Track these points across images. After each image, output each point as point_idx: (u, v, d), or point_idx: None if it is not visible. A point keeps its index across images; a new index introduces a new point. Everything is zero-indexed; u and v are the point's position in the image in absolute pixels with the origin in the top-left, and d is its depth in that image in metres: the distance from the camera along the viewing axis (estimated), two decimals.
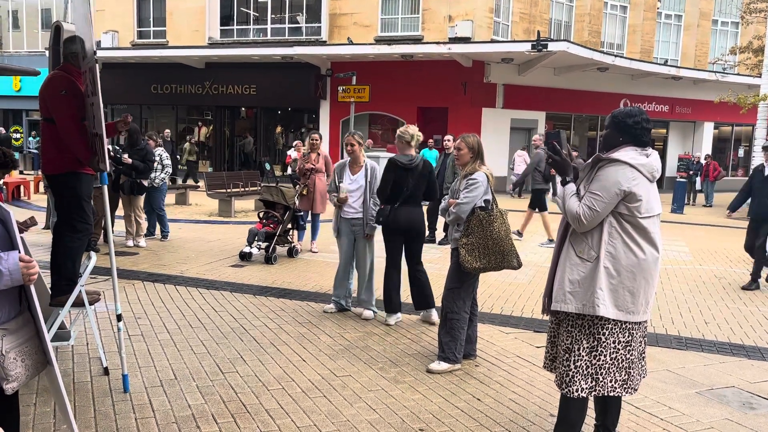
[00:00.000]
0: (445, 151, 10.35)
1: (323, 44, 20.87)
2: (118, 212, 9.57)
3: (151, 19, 23.78)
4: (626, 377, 3.11)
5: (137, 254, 8.60)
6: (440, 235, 10.34)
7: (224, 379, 4.27)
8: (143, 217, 9.34)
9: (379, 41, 20.00)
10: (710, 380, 4.61)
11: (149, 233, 9.77)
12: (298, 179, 9.13)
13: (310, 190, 8.82)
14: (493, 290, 7.14)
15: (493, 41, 19.33)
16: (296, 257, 8.74)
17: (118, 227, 9.88)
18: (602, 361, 3.06)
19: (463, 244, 4.44)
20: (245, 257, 8.31)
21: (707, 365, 4.95)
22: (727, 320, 6.34)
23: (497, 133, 20.22)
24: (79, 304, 4.03)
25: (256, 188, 13.93)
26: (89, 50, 3.86)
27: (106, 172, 4.00)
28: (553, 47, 17.61)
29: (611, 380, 3.08)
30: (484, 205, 4.52)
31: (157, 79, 23.32)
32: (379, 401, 4.01)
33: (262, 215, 8.89)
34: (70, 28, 4.60)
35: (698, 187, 20.51)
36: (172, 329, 5.32)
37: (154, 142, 9.59)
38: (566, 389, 3.11)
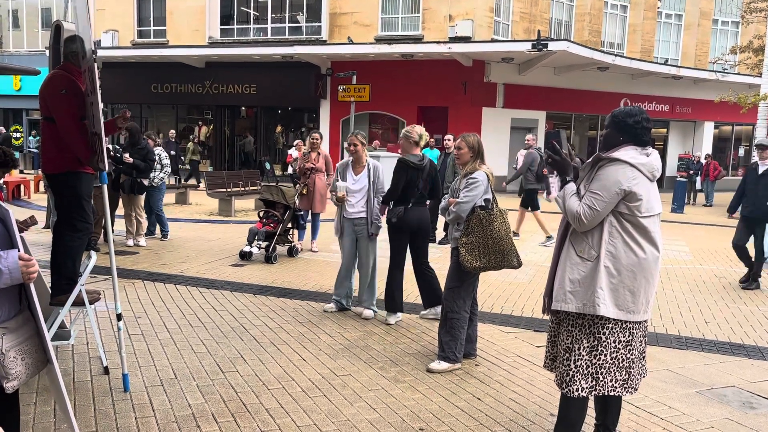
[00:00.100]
0: (445, 150, 10.35)
1: (323, 44, 20.86)
2: (118, 211, 9.58)
3: (151, 18, 23.77)
4: (626, 377, 3.11)
5: (137, 253, 8.61)
6: (440, 234, 10.34)
7: (224, 378, 4.27)
8: (144, 216, 9.35)
9: (379, 41, 19.99)
10: (710, 380, 4.61)
11: (149, 233, 9.78)
12: (298, 178, 9.13)
13: (310, 189, 8.82)
14: (493, 290, 7.14)
15: (493, 41, 19.31)
16: (296, 257, 8.74)
17: (118, 226, 9.89)
18: (602, 360, 3.06)
19: (463, 243, 4.44)
20: (245, 256, 8.31)
21: (707, 365, 4.95)
22: (727, 320, 6.34)
23: (497, 132, 20.21)
24: (79, 303, 4.03)
25: (256, 187, 13.93)
26: (88, 49, 3.86)
27: (105, 171, 4.00)
28: (553, 47, 17.60)
29: (611, 380, 3.08)
30: (484, 204, 4.52)
31: (157, 78, 23.32)
32: (379, 400, 4.01)
33: (262, 214, 8.89)
34: (70, 27, 4.59)
35: (698, 186, 20.51)
36: (172, 328, 5.32)
37: (153, 141, 9.61)
38: (566, 389, 3.11)
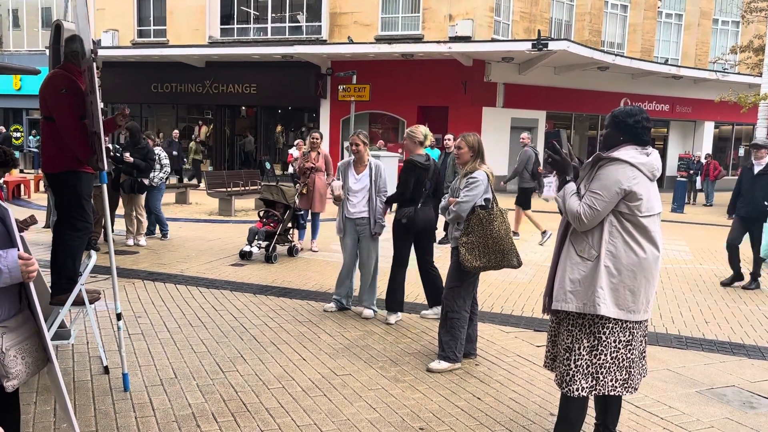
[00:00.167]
0: (445, 150, 10.34)
1: (323, 43, 20.85)
2: (118, 211, 9.59)
3: (151, 18, 23.77)
4: (627, 376, 3.11)
5: (137, 253, 8.61)
6: (440, 234, 10.33)
7: (224, 377, 4.27)
8: (144, 215, 9.36)
9: (379, 40, 19.98)
10: (710, 379, 4.61)
11: (149, 232, 9.78)
12: (298, 178, 9.14)
13: (309, 189, 8.82)
14: (493, 289, 7.14)
15: (493, 40, 19.30)
16: (296, 256, 8.74)
17: (118, 226, 9.89)
18: (603, 360, 3.06)
19: (463, 242, 4.44)
20: (245, 256, 8.31)
21: (707, 364, 4.95)
22: (727, 319, 6.34)
23: (498, 132, 20.20)
24: (79, 302, 4.03)
25: (256, 187, 13.93)
26: (87, 49, 3.86)
27: (105, 171, 4.00)
28: (553, 46, 17.59)
29: (612, 379, 3.08)
30: (484, 203, 4.52)
31: (157, 78, 23.31)
32: (379, 400, 4.01)
33: (262, 214, 8.89)
34: (70, 26, 4.59)
35: (698, 186, 20.51)
36: (172, 328, 5.32)
37: (152, 141, 9.63)
38: (566, 388, 3.11)
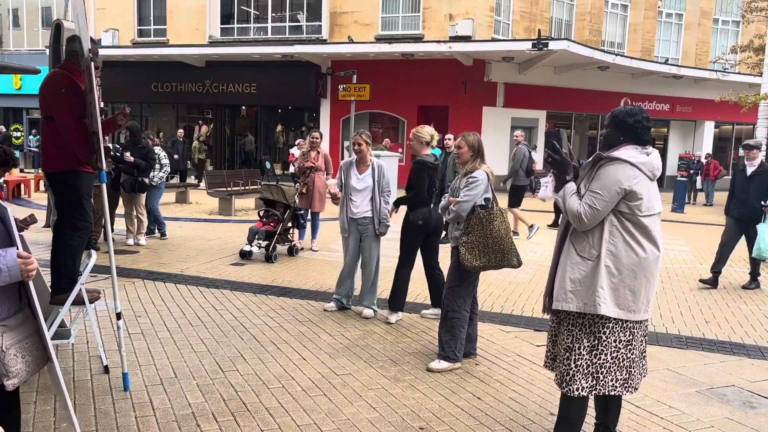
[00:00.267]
0: (446, 149, 10.34)
1: (324, 43, 20.85)
2: (118, 210, 9.58)
3: (151, 17, 23.77)
4: (627, 376, 3.11)
5: (137, 252, 8.60)
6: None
7: (224, 377, 4.27)
8: (145, 215, 9.36)
9: (379, 40, 19.98)
10: (710, 379, 4.61)
11: (149, 232, 9.78)
12: (298, 178, 9.14)
13: (309, 188, 8.82)
14: (493, 289, 7.14)
15: (493, 40, 19.31)
16: (296, 256, 8.74)
17: (118, 226, 9.89)
18: (603, 360, 3.06)
19: (463, 242, 4.44)
20: (245, 256, 8.31)
21: (707, 364, 4.95)
22: (727, 319, 6.34)
23: (498, 131, 20.20)
24: (79, 302, 4.03)
25: (256, 187, 13.93)
26: (85, 49, 3.87)
27: (104, 170, 4.00)
28: (553, 46, 17.60)
29: (612, 379, 3.08)
30: (484, 203, 4.52)
31: (157, 77, 23.32)
32: (379, 400, 4.01)
33: (262, 214, 8.89)
34: (70, 26, 4.60)
35: (699, 186, 20.51)
36: (172, 327, 5.32)
37: (151, 141, 9.65)
38: (567, 388, 3.11)
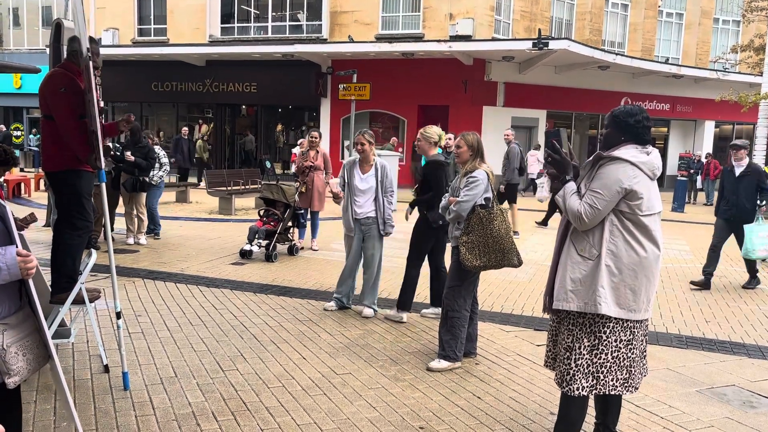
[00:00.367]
0: (446, 149, 10.34)
1: (324, 42, 20.84)
2: (118, 209, 9.58)
3: (151, 16, 23.75)
4: (627, 376, 3.11)
5: (137, 252, 8.60)
6: None
7: (224, 376, 4.27)
8: (145, 214, 9.35)
9: (379, 39, 19.97)
10: (711, 379, 4.61)
11: (149, 231, 9.78)
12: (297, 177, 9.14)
13: (308, 187, 8.82)
14: (493, 288, 7.14)
15: (494, 39, 19.29)
16: (296, 255, 8.74)
17: (118, 225, 9.89)
18: (603, 359, 3.06)
19: (463, 242, 4.44)
20: (246, 255, 8.31)
21: (708, 364, 4.95)
22: (727, 319, 6.34)
23: (498, 131, 20.10)
24: (79, 301, 4.03)
25: (256, 186, 13.94)
26: (84, 48, 3.87)
27: (103, 169, 4.00)
28: (554, 45, 17.59)
29: (612, 379, 3.08)
30: (484, 203, 4.52)
31: (157, 76, 23.30)
32: (379, 399, 4.01)
33: (262, 213, 8.89)
34: (70, 25, 4.60)
35: (699, 185, 20.52)
36: (172, 327, 5.32)
37: (151, 140, 9.65)
38: (567, 388, 3.11)
